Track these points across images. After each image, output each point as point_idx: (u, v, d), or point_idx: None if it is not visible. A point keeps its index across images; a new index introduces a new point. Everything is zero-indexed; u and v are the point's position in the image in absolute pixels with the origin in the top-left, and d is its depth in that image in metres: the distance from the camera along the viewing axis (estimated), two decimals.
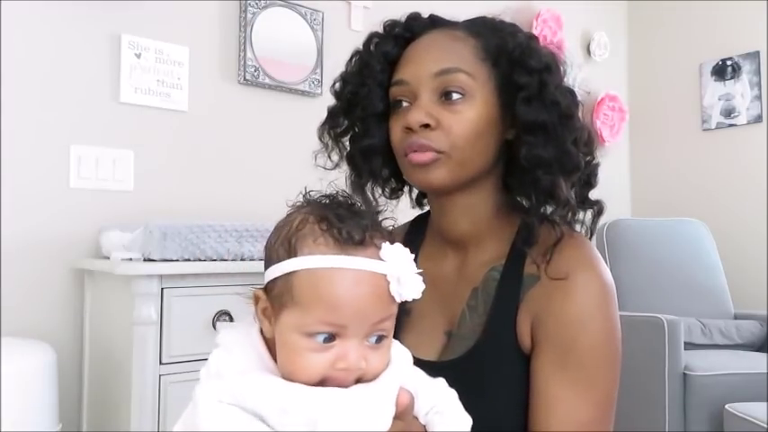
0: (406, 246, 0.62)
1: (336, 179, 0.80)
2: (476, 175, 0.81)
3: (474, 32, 0.82)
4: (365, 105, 0.85)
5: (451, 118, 0.78)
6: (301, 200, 0.66)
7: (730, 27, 3.23)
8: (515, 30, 0.83)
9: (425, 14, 0.88)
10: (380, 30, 0.87)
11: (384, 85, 0.84)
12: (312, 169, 0.87)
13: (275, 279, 0.61)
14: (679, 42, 3.43)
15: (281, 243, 0.61)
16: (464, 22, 0.86)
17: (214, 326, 1.54)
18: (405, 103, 0.81)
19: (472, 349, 0.79)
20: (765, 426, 1.88)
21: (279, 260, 0.61)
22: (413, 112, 0.78)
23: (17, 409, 1.34)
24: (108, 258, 1.63)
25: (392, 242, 0.62)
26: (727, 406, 2.06)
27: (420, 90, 0.79)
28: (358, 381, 0.59)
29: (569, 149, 0.79)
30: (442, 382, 0.68)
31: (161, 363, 1.50)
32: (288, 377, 0.59)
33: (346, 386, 0.58)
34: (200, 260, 1.59)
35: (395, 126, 0.82)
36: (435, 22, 0.86)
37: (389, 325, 0.62)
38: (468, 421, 0.66)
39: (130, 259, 1.56)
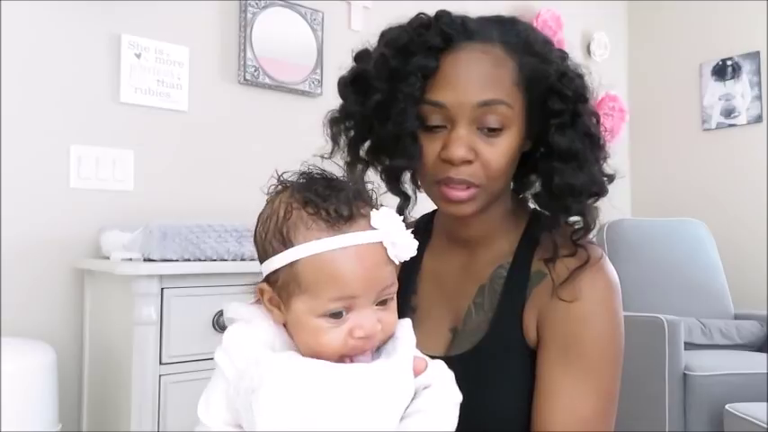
0: None
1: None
2: (500, 194, 0.82)
3: (511, 50, 0.77)
4: (399, 122, 0.77)
5: (490, 151, 0.76)
6: (276, 184, 0.67)
7: (730, 27, 3.23)
8: (549, 49, 0.80)
9: (432, 13, 0.81)
10: (408, 28, 0.79)
11: (418, 100, 0.77)
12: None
13: (276, 270, 0.62)
14: (679, 42, 3.43)
15: (273, 235, 0.63)
16: (497, 29, 0.79)
17: (214, 326, 1.54)
18: (441, 127, 0.77)
19: (478, 344, 0.80)
20: (765, 426, 1.88)
21: (275, 252, 0.62)
22: (455, 147, 0.75)
23: (17, 409, 1.34)
24: (108, 258, 1.63)
25: (378, 208, 0.63)
26: (727, 406, 2.06)
27: (459, 117, 0.75)
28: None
29: (597, 176, 0.80)
30: (439, 362, 0.68)
31: (161, 363, 1.50)
32: (311, 356, 0.60)
33: (366, 350, 0.62)
34: (200, 260, 1.59)
35: (428, 148, 0.78)
36: (468, 29, 0.78)
37: (394, 288, 0.64)
38: (457, 396, 0.66)
39: (130, 259, 1.56)
